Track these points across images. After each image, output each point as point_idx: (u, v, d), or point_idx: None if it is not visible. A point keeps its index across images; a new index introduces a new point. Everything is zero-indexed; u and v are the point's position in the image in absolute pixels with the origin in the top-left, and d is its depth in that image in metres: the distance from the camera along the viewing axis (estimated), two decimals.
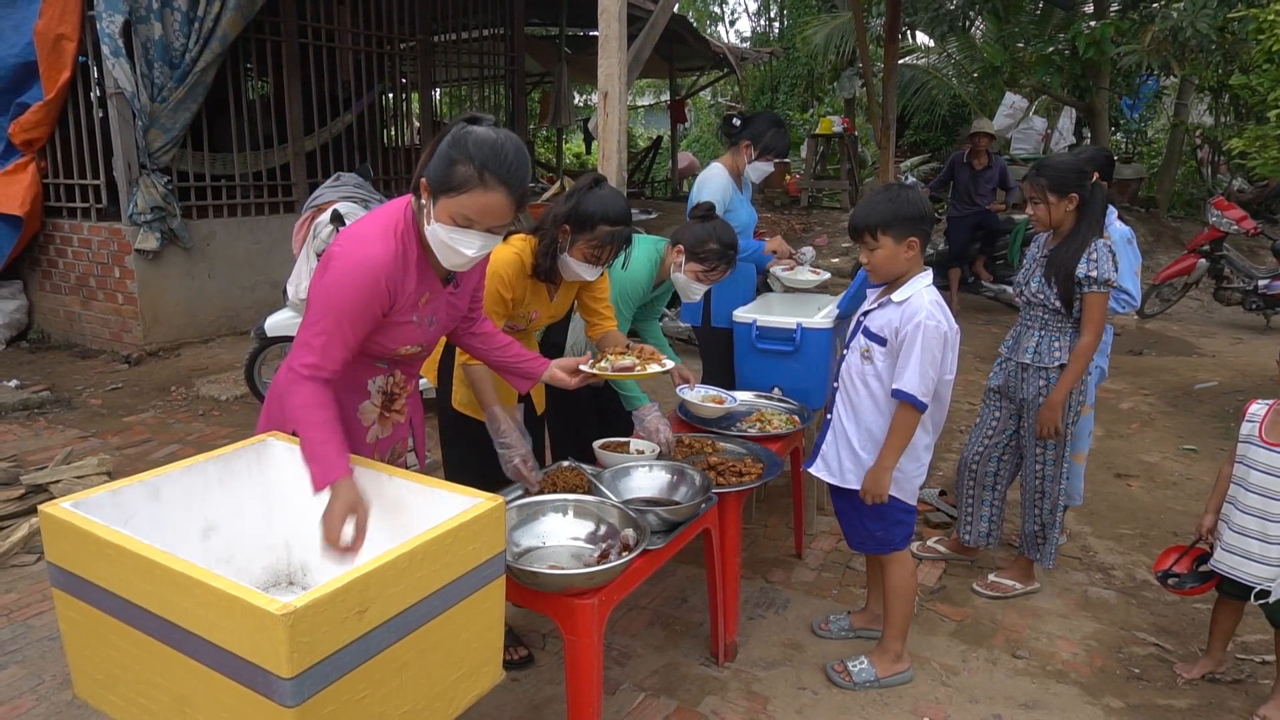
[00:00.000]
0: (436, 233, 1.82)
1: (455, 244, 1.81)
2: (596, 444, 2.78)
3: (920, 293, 2.49)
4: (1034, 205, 3.02)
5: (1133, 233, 3.42)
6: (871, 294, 2.71)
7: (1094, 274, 2.90)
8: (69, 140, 6.39)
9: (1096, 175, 3.21)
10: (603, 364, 2.32)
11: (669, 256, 2.98)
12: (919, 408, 2.46)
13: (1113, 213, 3.44)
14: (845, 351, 2.69)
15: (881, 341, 2.53)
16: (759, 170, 3.71)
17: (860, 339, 2.60)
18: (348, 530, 1.70)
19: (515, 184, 1.78)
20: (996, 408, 3.27)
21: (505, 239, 2.60)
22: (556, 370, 2.30)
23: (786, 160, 14.09)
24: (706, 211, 3.03)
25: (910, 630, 2.90)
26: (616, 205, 2.52)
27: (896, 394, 2.47)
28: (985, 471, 3.30)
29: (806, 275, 3.81)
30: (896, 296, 2.51)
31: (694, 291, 3.00)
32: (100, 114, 6.29)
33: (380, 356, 2.01)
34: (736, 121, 3.73)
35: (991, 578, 3.26)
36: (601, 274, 2.67)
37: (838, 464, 2.67)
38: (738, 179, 3.74)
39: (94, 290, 6.50)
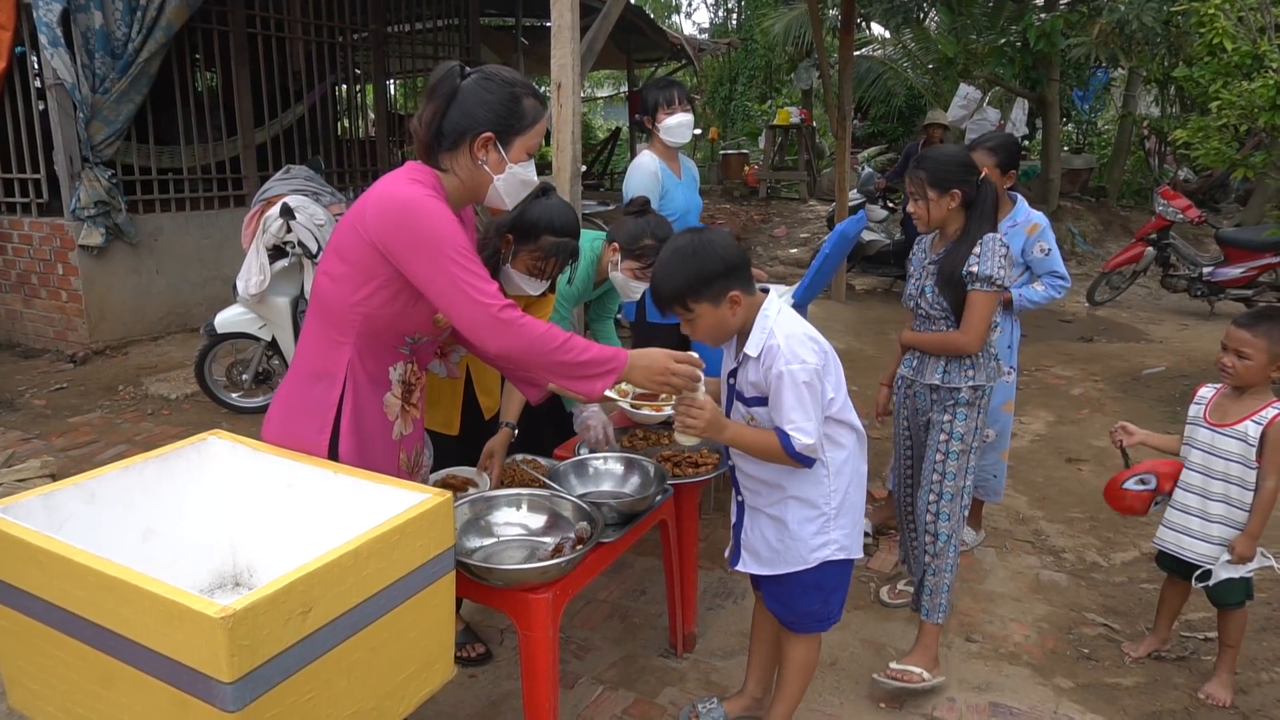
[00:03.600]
0: (516, 174, 1.86)
1: (530, 177, 1.88)
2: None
3: (770, 335, 2.02)
4: (914, 202, 2.68)
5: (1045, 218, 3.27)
6: (727, 350, 2.21)
7: (975, 269, 2.56)
8: (6, 133, 6.18)
9: (988, 170, 2.93)
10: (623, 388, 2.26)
11: (606, 254, 2.90)
12: (807, 464, 2.06)
13: (1022, 201, 3.28)
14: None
15: (762, 402, 2.08)
16: (667, 129, 3.56)
17: (741, 409, 2.14)
18: (686, 369, 1.87)
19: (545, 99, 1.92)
20: (908, 436, 2.94)
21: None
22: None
23: (745, 153, 14.16)
24: (641, 206, 2.95)
25: (866, 616, 2.93)
26: (563, 216, 2.40)
27: (794, 455, 2.00)
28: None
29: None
30: (751, 350, 2.05)
31: (633, 290, 2.90)
32: (40, 106, 6.10)
33: (416, 328, 1.92)
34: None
35: (893, 665, 2.64)
36: (545, 291, 2.52)
37: (766, 548, 2.20)
38: (671, 162, 3.65)
39: (36, 288, 6.31)
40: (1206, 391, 2.65)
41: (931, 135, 7.91)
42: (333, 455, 1.87)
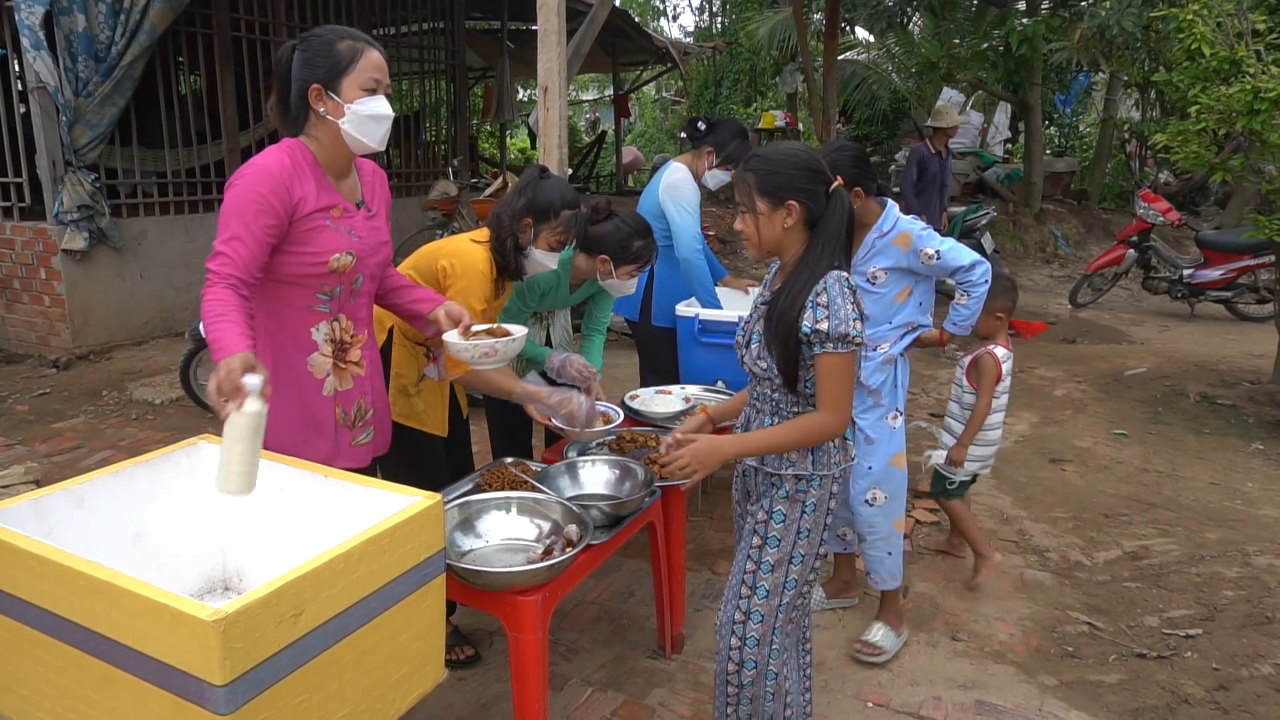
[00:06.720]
0: (356, 112, 1.90)
1: (376, 110, 1.92)
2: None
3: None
4: (740, 217, 1.97)
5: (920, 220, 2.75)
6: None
7: (824, 326, 1.83)
8: None
9: (844, 180, 2.10)
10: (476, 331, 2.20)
11: (594, 265, 2.89)
12: None
13: (892, 207, 2.69)
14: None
15: None
16: (716, 178, 3.64)
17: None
18: (247, 380, 1.57)
19: (372, 40, 1.96)
20: (741, 524, 2.21)
21: (483, 240, 2.63)
22: (440, 311, 2.21)
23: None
24: (609, 212, 2.91)
25: (855, 617, 2.96)
26: (568, 189, 2.61)
27: None
28: None
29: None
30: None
31: (630, 287, 2.98)
32: (22, 109, 6.06)
33: (314, 278, 1.95)
34: (702, 125, 3.67)
35: None
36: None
37: None
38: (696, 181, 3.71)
39: (18, 292, 6.26)
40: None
41: (938, 139, 7.63)
42: None
